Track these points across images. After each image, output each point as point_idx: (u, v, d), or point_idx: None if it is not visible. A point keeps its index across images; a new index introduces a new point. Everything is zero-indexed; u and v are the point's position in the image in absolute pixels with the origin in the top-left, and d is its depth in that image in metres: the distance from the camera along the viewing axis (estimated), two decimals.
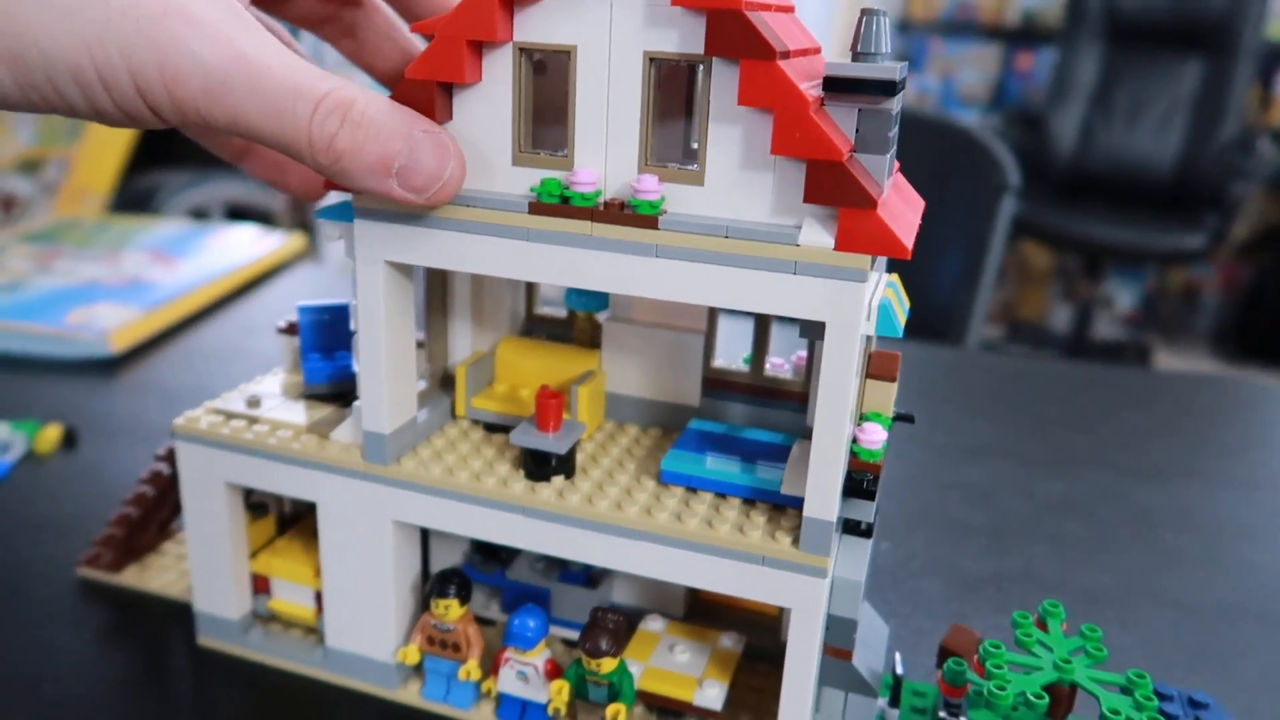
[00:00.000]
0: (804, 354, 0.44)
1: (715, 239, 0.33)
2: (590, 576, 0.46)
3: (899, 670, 0.42)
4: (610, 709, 0.39)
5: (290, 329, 0.50)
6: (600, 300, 0.46)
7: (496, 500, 0.39)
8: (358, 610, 0.43)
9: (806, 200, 0.32)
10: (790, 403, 0.44)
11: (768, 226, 0.33)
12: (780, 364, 0.45)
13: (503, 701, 0.42)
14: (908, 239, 0.32)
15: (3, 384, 0.74)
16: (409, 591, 0.44)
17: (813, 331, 0.37)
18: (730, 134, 0.33)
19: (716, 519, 0.37)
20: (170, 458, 0.51)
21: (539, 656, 0.41)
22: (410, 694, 0.43)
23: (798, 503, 0.36)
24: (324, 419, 0.44)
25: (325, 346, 0.47)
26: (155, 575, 0.50)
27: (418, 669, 0.44)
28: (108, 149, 1.78)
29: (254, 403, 0.44)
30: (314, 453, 0.41)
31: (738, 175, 0.33)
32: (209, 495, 0.44)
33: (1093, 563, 0.57)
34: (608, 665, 0.39)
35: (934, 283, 1.30)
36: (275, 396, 0.46)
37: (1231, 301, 3.09)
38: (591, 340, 0.47)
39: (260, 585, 0.46)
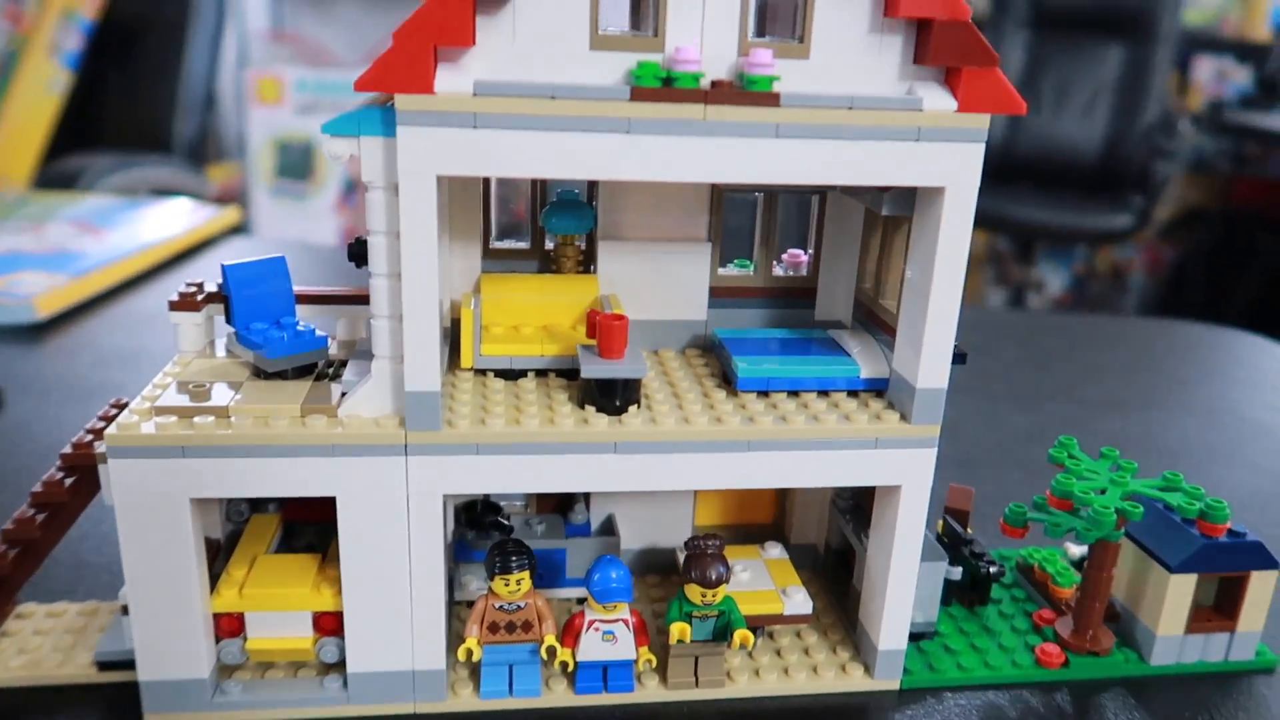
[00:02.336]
0: (797, 252, 0.43)
1: (839, 111, 0.32)
2: (600, 527, 0.43)
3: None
4: (739, 635, 0.36)
5: (206, 298, 0.39)
6: (586, 221, 0.41)
7: (580, 443, 0.34)
8: (393, 618, 0.36)
9: (931, 62, 0.32)
10: (799, 300, 0.43)
11: (885, 96, 0.32)
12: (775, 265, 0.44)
13: (580, 673, 0.37)
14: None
15: None
16: (446, 582, 0.37)
17: (900, 205, 0.36)
18: (836, 2, 0.32)
19: (812, 415, 0.36)
20: (80, 460, 0.38)
21: (624, 610, 0.37)
22: (463, 701, 0.37)
23: (875, 384, 0.38)
24: (311, 397, 0.35)
25: (268, 313, 0.38)
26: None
27: (468, 669, 0.38)
28: (26, 134, 1.71)
29: (200, 393, 0.35)
30: (333, 435, 0.33)
31: (843, 46, 0.32)
32: (164, 521, 0.33)
33: None
34: (721, 594, 0.36)
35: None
36: (214, 383, 0.36)
37: (1157, 280, 3.18)
38: (579, 265, 0.42)
39: (227, 627, 0.36)
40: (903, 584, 0.38)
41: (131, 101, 1.82)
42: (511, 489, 0.35)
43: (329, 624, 0.37)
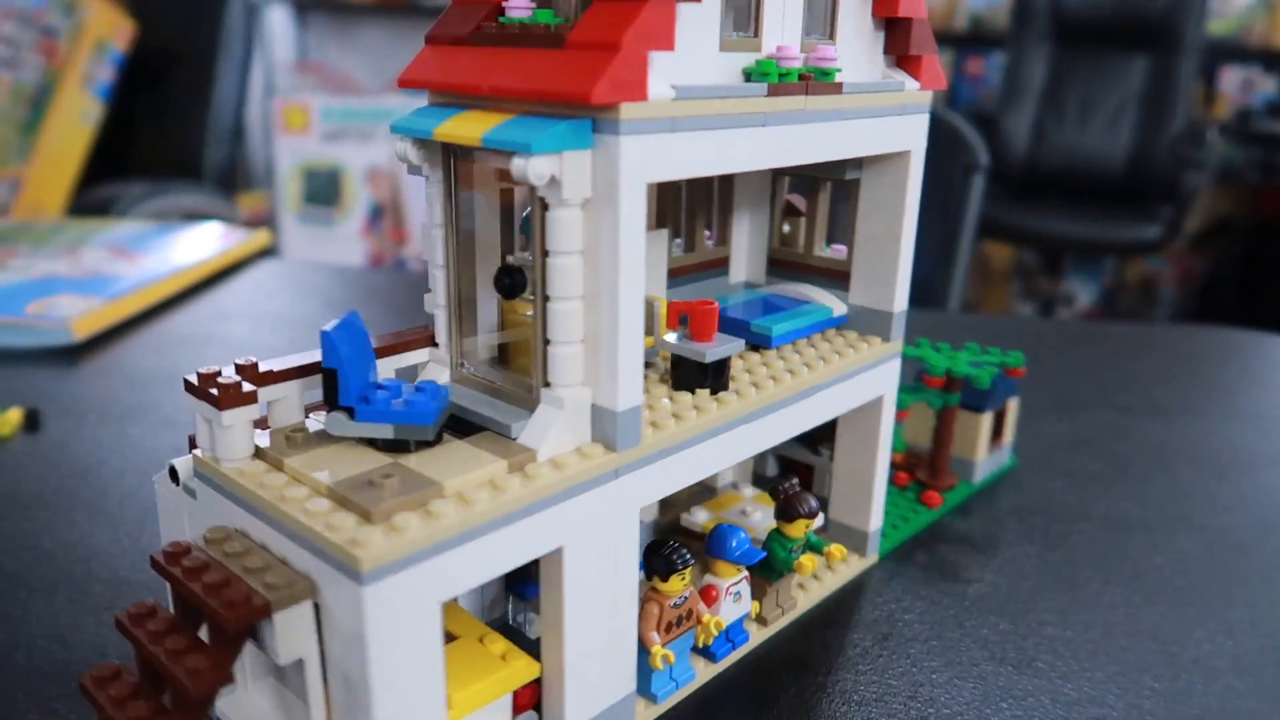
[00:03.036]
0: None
1: (868, 96, 0.38)
2: None
3: None
4: (810, 561, 0.40)
5: (264, 377, 0.33)
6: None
7: (738, 417, 0.37)
8: (607, 653, 0.34)
9: (908, 52, 0.40)
10: (720, 268, 0.49)
11: (888, 80, 0.40)
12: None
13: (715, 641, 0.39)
14: None
15: None
16: None
17: (857, 170, 0.43)
18: (851, 6, 0.38)
19: (834, 351, 0.43)
20: (187, 585, 0.29)
21: (744, 569, 0.39)
22: (646, 712, 0.37)
23: (839, 320, 0.45)
24: (494, 452, 0.31)
25: (365, 376, 0.32)
26: None
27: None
28: (60, 165, 1.74)
29: (387, 483, 0.29)
30: (562, 480, 0.31)
31: (852, 42, 0.39)
32: (415, 638, 0.28)
33: (1113, 493, 0.55)
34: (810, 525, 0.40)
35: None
36: (384, 474, 0.30)
37: (1187, 292, 3.14)
38: None
39: None
40: (883, 474, 0.46)
41: (162, 131, 1.85)
42: (682, 485, 0.36)
43: (525, 698, 0.34)
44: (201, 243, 0.99)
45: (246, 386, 0.31)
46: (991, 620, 0.43)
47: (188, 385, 0.31)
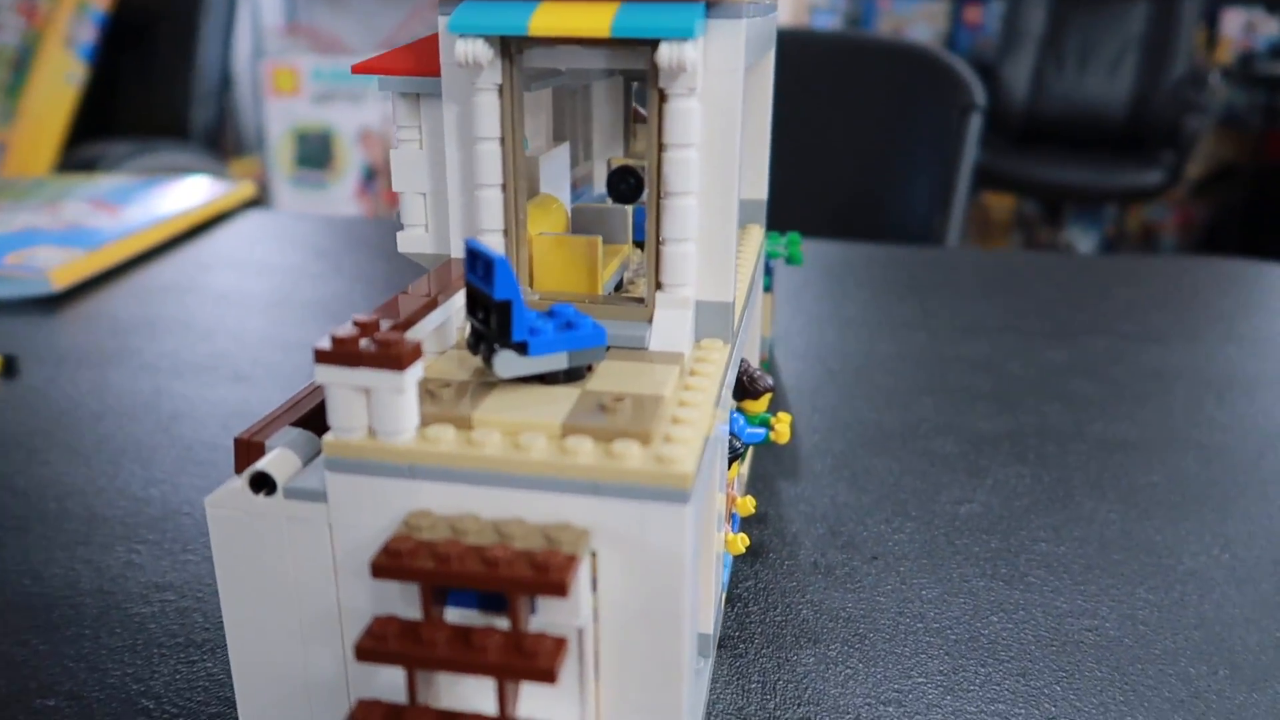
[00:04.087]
0: None
1: None
2: None
3: None
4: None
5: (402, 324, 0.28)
6: None
7: None
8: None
9: None
10: None
11: None
12: None
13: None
14: None
15: None
16: None
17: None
18: None
19: None
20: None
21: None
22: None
23: None
24: (635, 375, 0.29)
25: None
26: None
27: None
28: (45, 126, 1.72)
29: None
30: (719, 372, 0.31)
31: None
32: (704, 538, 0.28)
33: (1108, 415, 0.54)
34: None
35: (908, 204, 1.28)
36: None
37: (1189, 241, 3.12)
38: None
39: None
40: None
41: (148, 90, 1.83)
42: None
43: None
44: (185, 195, 0.97)
45: (401, 342, 0.24)
46: (983, 539, 0.42)
47: (323, 355, 0.25)
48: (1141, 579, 0.40)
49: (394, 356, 0.24)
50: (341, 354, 0.24)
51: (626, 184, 0.31)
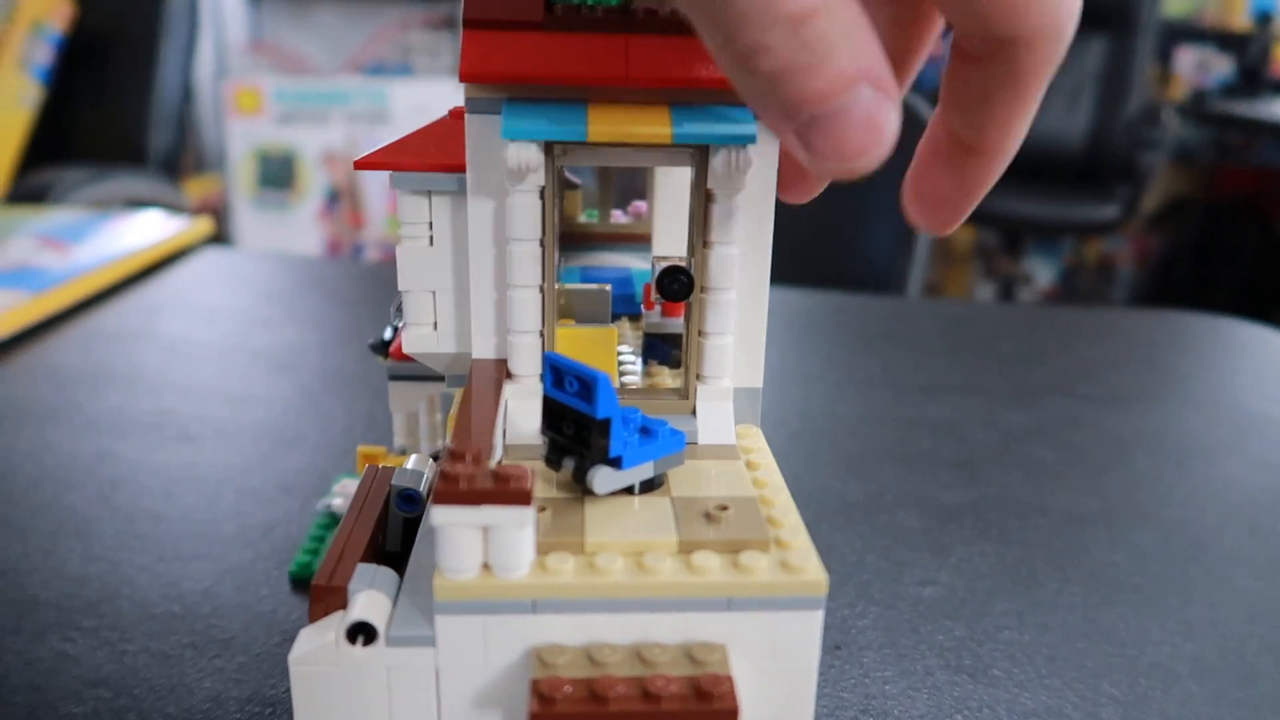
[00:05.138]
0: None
1: None
2: None
3: None
4: None
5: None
6: None
7: None
8: None
9: None
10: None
11: None
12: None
13: None
14: None
15: None
16: None
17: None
18: None
19: None
20: None
21: None
22: None
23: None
24: (705, 476, 0.30)
25: None
26: None
27: None
28: None
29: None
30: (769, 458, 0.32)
31: None
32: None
33: (1070, 486, 0.54)
34: None
35: (870, 249, 1.29)
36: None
37: (1145, 271, 3.17)
38: None
39: None
40: None
41: (104, 114, 1.79)
42: None
43: None
44: (137, 232, 0.95)
45: (524, 474, 0.24)
46: (947, 625, 0.42)
47: (443, 495, 0.23)
48: (1105, 672, 0.39)
49: (519, 493, 0.23)
50: (464, 494, 0.23)
51: (679, 283, 0.31)
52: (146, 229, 0.96)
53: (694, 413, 0.32)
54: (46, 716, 0.35)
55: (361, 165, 0.32)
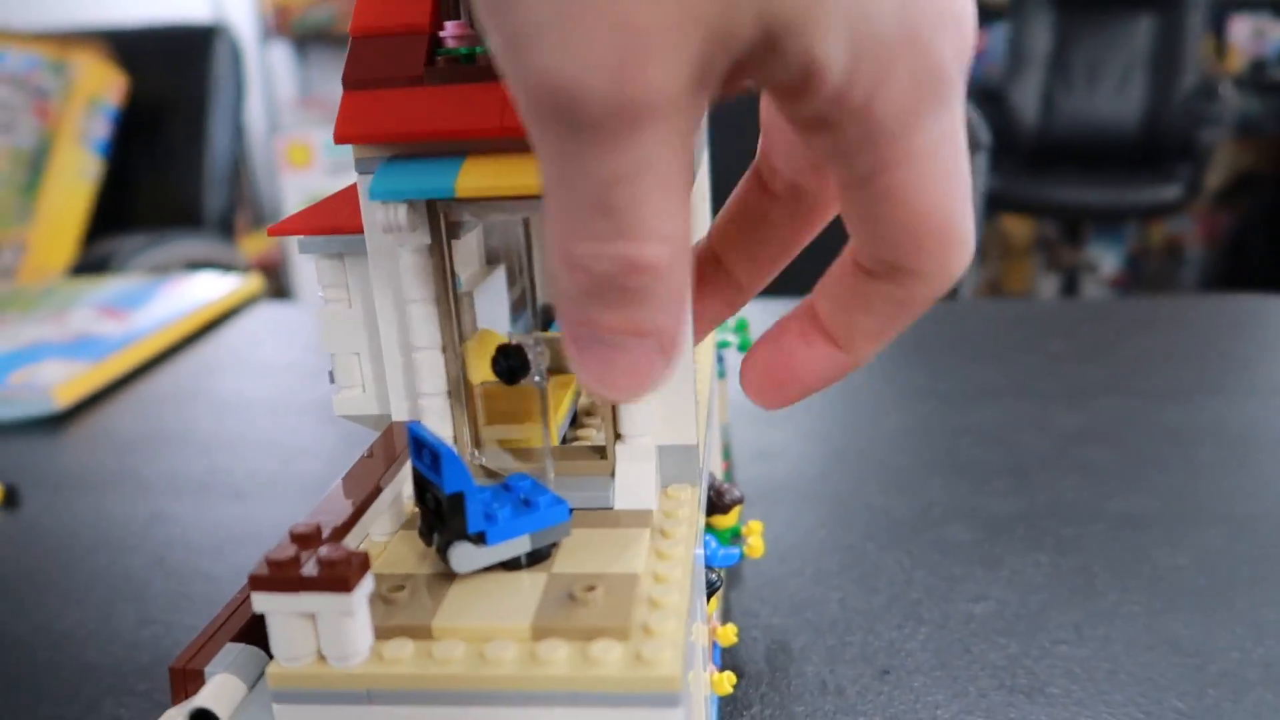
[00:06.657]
0: None
1: None
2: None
3: None
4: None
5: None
6: None
7: None
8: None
9: None
10: None
11: None
12: None
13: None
14: None
15: None
16: None
17: None
18: None
19: None
20: None
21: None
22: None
23: None
24: (605, 546, 0.27)
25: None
26: None
27: None
28: (63, 224, 1.75)
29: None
30: (690, 528, 0.29)
31: None
32: None
33: (1128, 487, 0.52)
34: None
35: None
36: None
37: (1215, 251, 3.07)
38: None
39: None
40: None
41: (160, 181, 1.86)
42: None
43: None
44: (192, 294, 0.97)
45: (353, 553, 0.23)
46: (1000, 643, 0.40)
47: (259, 581, 0.22)
48: (1171, 684, 0.37)
49: (339, 579, 0.22)
50: (279, 579, 0.22)
51: (511, 365, 0.29)
52: (200, 290, 0.99)
53: (613, 474, 0.30)
54: None
55: (275, 232, 0.31)
